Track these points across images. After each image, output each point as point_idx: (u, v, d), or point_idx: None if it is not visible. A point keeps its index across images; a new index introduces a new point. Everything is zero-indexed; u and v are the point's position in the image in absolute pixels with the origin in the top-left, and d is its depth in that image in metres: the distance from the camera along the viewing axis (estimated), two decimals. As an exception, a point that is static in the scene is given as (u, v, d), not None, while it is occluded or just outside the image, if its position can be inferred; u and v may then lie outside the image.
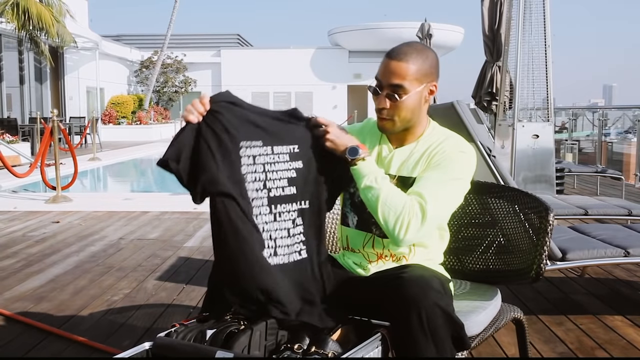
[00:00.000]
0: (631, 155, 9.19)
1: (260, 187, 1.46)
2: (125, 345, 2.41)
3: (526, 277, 1.75)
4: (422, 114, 1.64)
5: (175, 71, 25.27)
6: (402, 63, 1.55)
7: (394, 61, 1.56)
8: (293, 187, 1.50)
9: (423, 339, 1.29)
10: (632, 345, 2.44)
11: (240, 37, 31.42)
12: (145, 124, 21.37)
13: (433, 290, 1.35)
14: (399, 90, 1.55)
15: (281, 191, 1.48)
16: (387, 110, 1.58)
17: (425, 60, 1.58)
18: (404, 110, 1.58)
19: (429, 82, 1.60)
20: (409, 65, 1.55)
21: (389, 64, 1.56)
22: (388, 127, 1.62)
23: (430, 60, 1.59)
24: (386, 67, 1.57)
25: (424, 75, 1.58)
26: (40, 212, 5.79)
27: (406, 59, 1.55)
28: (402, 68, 1.54)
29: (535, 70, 5.31)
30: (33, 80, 16.90)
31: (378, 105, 1.59)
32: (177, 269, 3.68)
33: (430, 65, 1.59)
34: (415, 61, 1.56)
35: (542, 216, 1.72)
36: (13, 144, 10.98)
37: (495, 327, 1.71)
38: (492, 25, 5.38)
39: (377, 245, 1.64)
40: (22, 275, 3.55)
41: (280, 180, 1.48)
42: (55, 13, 13.15)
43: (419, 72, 1.56)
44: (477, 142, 2.85)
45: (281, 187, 1.48)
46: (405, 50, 1.57)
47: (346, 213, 1.71)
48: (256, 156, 1.46)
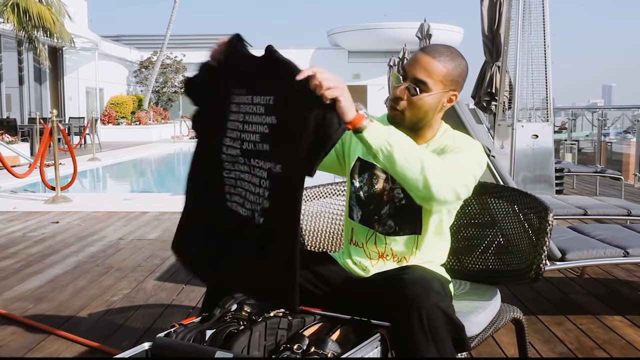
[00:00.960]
0: (630, 155, 9.20)
1: (236, 137, 1.40)
2: (124, 346, 2.41)
3: (526, 277, 1.75)
4: (436, 119, 1.60)
5: (175, 71, 25.27)
6: (434, 60, 1.51)
7: (427, 56, 1.52)
8: (266, 144, 1.33)
9: (423, 339, 1.29)
10: (632, 345, 2.44)
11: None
12: (144, 124, 21.38)
13: (434, 291, 1.35)
14: (421, 86, 1.51)
15: (253, 146, 1.36)
16: (401, 101, 1.54)
17: (457, 67, 1.55)
18: (418, 108, 1.54)
19: (452, 89, 1.56)
20: (439, 64, 1.51)
21: (420, 57, 1.52)
22: (396, 117, 1.57)
23: (462, 68, 1.56)
24: (417, 59, 1.53)
25: (450, 81, 1.54)
26: (39, 213, 5.79)
27: (439, 58, 1.52)
28: (432, 65, 1.51)
29: (535, 71, 5.32)
30: (32, 81, 16.90)
31: (396, 94, 1.55)
32: (176, 269, 3.68)
33: (459, 73, 1.56)
34: (446, 63, 1.52)
35: (542, 216, 1.72)
36: (12, 144, 10.98)
37: (494, 327, 1.72)
38: (491, 25, 5.38)
39: (379, 242, 1.63)
40: (21, 275, 3.55)
41: (253, 135, 1.36)
42: (55, 13, 13.15)
43: (446, 75, 1.52)
44: (476, 142, 2.86)
45: (253, 141, 1.36)
46: (441, 50, 1.54)
47: (352, 206, 1.70)
48: (240, 104, 1.40)
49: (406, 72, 1.53)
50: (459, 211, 1.94)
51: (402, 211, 1.61)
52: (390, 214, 1.63)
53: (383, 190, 1.65)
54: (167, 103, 25.75)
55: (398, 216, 1.62)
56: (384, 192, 1.65)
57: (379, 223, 1.64)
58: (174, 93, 25.51)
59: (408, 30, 19.07)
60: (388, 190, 1.64)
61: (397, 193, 1.63)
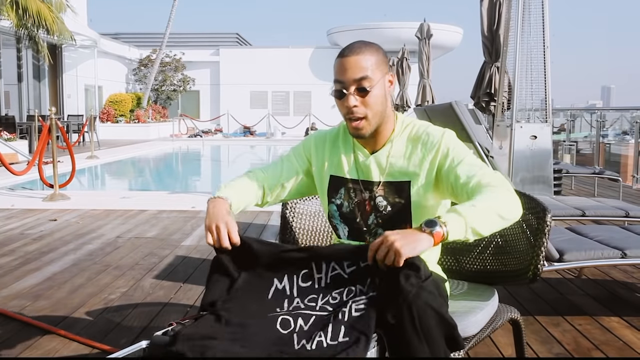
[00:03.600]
0: (629, 156, 9.22)
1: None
2: (122, 344, 2.41)
3: (523, 277, 1.75)
4: (389, 108, 1.62)
5: (174, 70, 25.24)
6: (358, 57, 1.54)
7: (351, 57, 1.54)
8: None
9: (416, 340, 1.29)
10: (629, 346, 2.44)
11: (239, 36, 31.39)
12: (143, 122, 21.37)
13: (426, 290, 1.34)
14: (365, 83, 1.53)
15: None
16: (357, 108, 1.55)
17: (377, 51, 1.58)
18: (374, 104, 1.56)
19: (386, 72, 1.60)
20: (364, 56, 1.54)
21: (345, 61, 1.54)
22: (363, 128, 1.58)
23: (381, 51, 1.60)
24: (344, 66, 1.54)
25: (382, 65, 1.58)
26: (37, 210, 5.78)
27: (359, 52, 1.55)
28: (360, 61, 1.53)
29: (534, 71, 5.32)
30: (31, 78, 16.88)
31: (348, 105, 1.55)
32: (174, 267, 3.68)
33: (383, 55, 1.60)
34: (369, 53, 1.56)
35: (540, 217, 1.72)
36: (11, 141, 10.96)
37: (492, 327, 1.72)
38: (491, 25, 5.38)
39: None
40: (19, 273, 3.54)
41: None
42: (54, 10, 13.13)
43: (376, 62, 1.56)
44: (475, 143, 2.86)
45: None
46: (357, 46, 1.57)
47: (336, 225, 1.71)
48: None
49: (344, 82, 1.54)
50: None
51: (390, 217, 1.62)
52: (379, 223, 1.63)
53: (363, 200, 1.65)
54: (166, 101, 25.72)
55: (387, 223, 1.62)
56: (364, 202, 1.65)
57: (368, 234, 1.64)
58: (172, 91, 25.48)
59: (408, 30, 19.06)
60: (368, 200, 1.65)
61: (380, 201, 1.63)
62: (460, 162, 1.56)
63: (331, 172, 1.70)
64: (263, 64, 26.10)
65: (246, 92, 26.32)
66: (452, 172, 1.55)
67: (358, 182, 1.66)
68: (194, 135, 21.82)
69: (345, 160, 1.69)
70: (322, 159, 1.73)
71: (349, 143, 1.70)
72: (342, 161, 1.69)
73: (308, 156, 1.75)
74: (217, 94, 26.57)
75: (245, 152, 18.34)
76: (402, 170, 1.61)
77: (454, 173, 1.55)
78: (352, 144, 1.69)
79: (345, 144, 1.71)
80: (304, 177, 1.76)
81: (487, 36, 5.42)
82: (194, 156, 16.83)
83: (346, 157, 1.69)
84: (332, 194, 1.70)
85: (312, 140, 1.76)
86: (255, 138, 22.43)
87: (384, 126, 1.62)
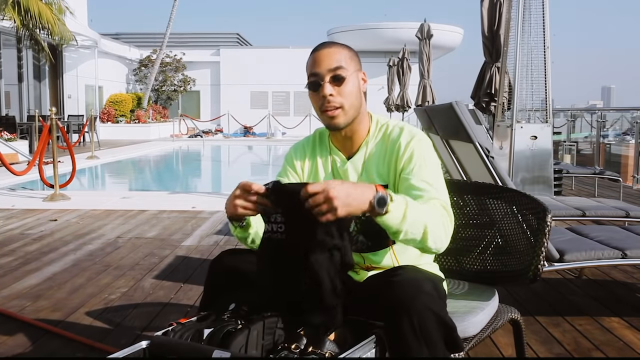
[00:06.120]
0: (629, 157, 9.22)
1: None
2: (122, 344, 2.41)
3: (524, 278, 1.75)
4: (364, 106, 1.61)
5: (174, 70, 25.26)
6: (332, 49, 1.56)
7: (325, 49, 1.56)
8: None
9: (415, 343, 1.28)
10: (629, 346, 2.44)
11: (240, 36, 31.41)
12: (143, 122, 21.38)
13: (424, 293, 1.33)
14: (341, 72, 1.53)
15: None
16: (333, 97, 1.54)
17: (349, 49, 1.60)
18: (350, 94, 1.55)
19: (359, 69, 1.60)
20: (337, 49, 1.57)
21: (320, 54, 1.56)
22: (339, 117, 1.55)
23: (353, 50, 1.62)
24: (319, 58, 1.55)
25: (354, 60, 1.59)
26: (38, 210, 5.79)
27: (334, 46, 1.57)
28: (334, 53, 1.55)
29: (534, 72, 5.32)
30: (32, 78, 16.89)
31: (324, 94, 1.53)
32: (174, 267, 3.68)
33: (354, 53, 1.61)
34: (341, 47, 1.58)
35: (540, 217, 1.72)
36: (11, 141, 10.97)
37: (492, 327, 1.72)
38: (491, 26, 5.38)
39: (358, 260, 1.62)
40: (19, 273, 3.54)
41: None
42: (55, 11, 13.14)
43: (349, 56, 1.57)
44: (475, 143, 2.86)
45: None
46: (328, 42, 1.60)
47: None
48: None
49: (318, 73, 1.54)
50: (457, 212, 1.95)
51: (369, 225, 1.54)
52: (359, 230, 1.61)
53: None
54: (167, 101, 25.74)
55: (367, 231, 1.58)
56: None
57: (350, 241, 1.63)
58: (173, 92, 25.50)
59: (408, 30, 19.06)
60: None
61: None
62: (418, 173, 1.52)
63: (310, 178, 1.69)
64: (263, 64, 26.12)
65: (246, 93, 26.32)
66: (406, 180, 1.53)
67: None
68: (194, 136, 21.83)
69: (322, 167, 1.68)
70: (303, 167, 1.71)
71: (325, 149, 1.69)
72: (319, 167, 1.68)
73: (294, 169, 1.72)
74: (217, 94, 26.58)
75: (246, 152, 18.35)
76: (377, 174, 1.59)
77: (407, 182, 1.52)
78: (328, 149, 1.68)
79: (321, 150, 1.70)
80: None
81: (488, 36, 5.42)
82: (195, 156, 16.83)
83: (323, 163, 1.68)
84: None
85: (292, 152, 1.75)
86: (255, 138, 22.44)
87: (359, 126, 1.61)
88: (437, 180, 1.52)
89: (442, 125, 3.62)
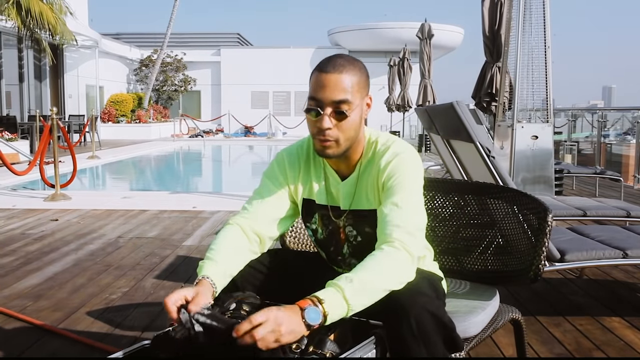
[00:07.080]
0: (630, 156, 9.21)
1: None
2: (123, 344, 2.41)
3: (524, 278, 1.75)
4: (362, 132, 1.51)
5: (175, 70, 25.26)
6: (342, 75, 1.40)
7: (333, 74, 1.39)
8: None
9: (414, 344, 1.28)
10: (630, 346, 2.44)
11: (240, 36, 31.40)
12: (144, 122, 21.39)
13: (421, 294, 1.33)
14: (344, 107, 1.40)
15: None
16: (330, 131, 1.42)
17: (360, 70, 1.46)
18: (349, 129, 1.44)
19: (366, 94, 1.48)
20: (348, 76, 1.41)
21: (327, 78, 1.39)
22: (330, 149, 1.45)
23: (365, 71, 1.48)
24: (325, 83, 1.40)
25: (363, 88, 1.45)
26: (39, 210, 5.79)
27: (343, 71, 1.41)
28: (343, 81, 1.40)
29: (535, 71, 5.31)
30: (32, 78, 16.89)
31: (321, 127, 1.41)
32: (175, 267, 3.68)
33: (366, 76, 1.48)
34: (353, 72, 1.42)
35: (541, 217, 1.72)
36: (12, 141, 10.97)
37: (493, 327, 1.71)
38: (492, 25, 5.38)
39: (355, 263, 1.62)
40: (20, 273, 3.54)
41: None
42: (56, 11, 13.15)
43: (358, 83, 1.43)
44: (476, 143, 2.86)
45: None
46: (341, 62, 1.42)
47: (317, 247, 1.71)
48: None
49: (321, 101, 1.41)
50: (458, 212, 1.95)
51: (361, 248, 1.55)
52: (351, 253, 1.59)
53: (338, 227, 1.59)
54: (167, 101, 25.74)
55: (358, 255, 1.53)
56: (339, 229, 1.59)
57: (344, 263, 1.62)
58: (174, 91, 25.50)
59: (408, 30, 19.06)
60: (342, 228, 1.58)
61: (350, 231, 1.58)
62: (391, 196, 1.44)
63: (304, 194, 1.61)
64: (264, 64, 26.13)
65: (247, 92, 26.33)
66: (382, 202, 1.46)
67: (327, 208, 1.58)
68: (195, 136, 21.84)
69: (316, 184, 1.60)
70: (296, 179, 1.61)
71: (320, 166, 1.60)
72: (313, 185, 1.60)
73: (284, 175, 1.62)
74: (218, 94, 26.59)
75: (247, 152, 18.35)
76: (368, 197, 1.52)
77: (382, 205, 1.45)
78: (322, 167, 1.59)
79: (315, 167, 1.60)
80: (288, 200, 1.62)
81: (489, 36, 5.42)
82: (195, 156, 16.84)
83: (317, 181, 1.59)
84: (306, 218, 1.63)
85: (285, 158, 1.63)
86: (256, 138, 22.44)
87: (353, 149, 1.51)
88: (408, 203, 1.42)
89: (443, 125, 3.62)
